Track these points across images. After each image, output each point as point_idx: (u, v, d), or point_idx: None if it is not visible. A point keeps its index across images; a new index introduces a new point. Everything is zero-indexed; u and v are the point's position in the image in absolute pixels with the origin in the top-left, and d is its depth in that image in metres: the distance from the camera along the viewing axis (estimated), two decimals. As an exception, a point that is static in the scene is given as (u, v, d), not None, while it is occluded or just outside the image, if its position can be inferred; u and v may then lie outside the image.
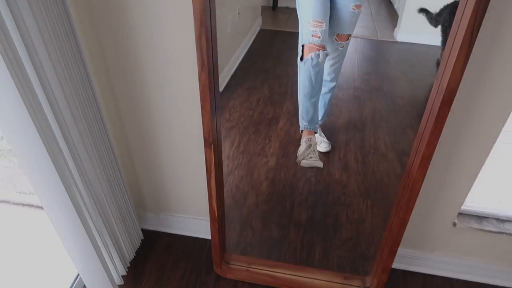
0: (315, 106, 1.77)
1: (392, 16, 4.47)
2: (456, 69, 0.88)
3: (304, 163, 1.75)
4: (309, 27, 1.54)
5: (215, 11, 1.08)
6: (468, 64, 0.89)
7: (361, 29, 3.96)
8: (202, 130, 1.10)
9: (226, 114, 2.13)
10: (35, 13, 0.80)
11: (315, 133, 1.84)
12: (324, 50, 1.57)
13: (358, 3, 1.53)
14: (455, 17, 0.89)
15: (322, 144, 1.89)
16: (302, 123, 1.85)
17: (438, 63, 2.89)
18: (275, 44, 3.23)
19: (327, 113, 1.95)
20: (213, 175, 1.14)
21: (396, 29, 3.61)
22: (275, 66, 2.82)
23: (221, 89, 2.42)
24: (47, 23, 0.84)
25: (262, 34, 3.45)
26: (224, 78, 2.43)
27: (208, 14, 0.97)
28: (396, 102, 2.45)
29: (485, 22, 0.85)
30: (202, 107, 1.04)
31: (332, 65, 1.72)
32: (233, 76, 2.58)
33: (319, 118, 1.94)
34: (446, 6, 2.57)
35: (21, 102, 0.80)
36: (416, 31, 3.45)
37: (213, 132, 1.07)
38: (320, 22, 1.53)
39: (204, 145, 1.08)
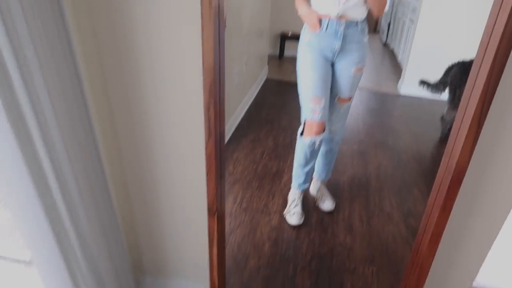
0: (307, 174, 1.79)
1: (396, 69, 4.56)
2: (465, 150, 0.87)
3: (288, 219, 1.78)
4: (309, 104, 1.55)
5: (225, 79, 1.10)
6: (478, 143, 0.89)
7: (365, 80, 4.05)
8: (206, 196, 1.09)
9: (230, 167, 2.13)
10: (40, 61, 0.80)
11: (303, 190, 1.86)
12: (323, 131, 1.60)
13: (360, 65, 1.55)
14: (463, 96, 0.90)
15: (327, 202, 1.86)
16: (293, 182, 1.86)
17: (442, 119, 2.89)
18: (281, 95, 3.29)
19: (331, 170, 1.93)
20: (215, 244, 1.11)
21: (399, 82, 3.70)
22: (280, 117, 2.85)
23: (225, 141, 2.43)
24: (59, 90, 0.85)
25: (268, 84, 3.52)
26: (229, 129, 2.46)
27: (217, 85, 0.99)
28: (400, 157, 2.45)
29: (494, 103, 0.86)
30: (207, 175, 1.04)
31: (334, 124, 1.72)
32: (238, 127, 2.61)
33: (322, 177, 1.93)
34: (453, 66, 2.62)
35: (18, 151, 0.78)
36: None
37: (217, 200, 1.06)
38: (319, 98, 1.53)
39: (208, 214, 1.06)
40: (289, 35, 4.08)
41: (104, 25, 0.99)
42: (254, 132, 2.56)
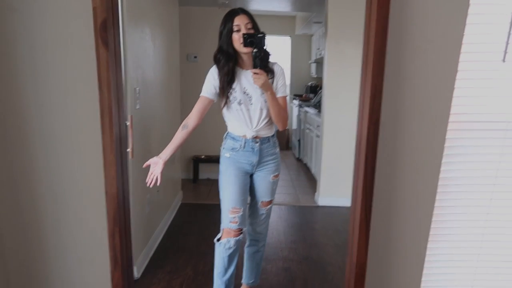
0: (225, 285, 1.87)
1: (311, 182, 4.97)
2: (360, 246, 1.03)
3: None
4: (229, 214, 1.78)
5: (136, 207, 1.17)
6: (371, 240, 1.05)
7: (283, 195, 4.32)
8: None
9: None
10: None
11: None
12: (239, 235, 1.80)
13: (277, 173, 1.87)
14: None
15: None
16: None
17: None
18: (198, 219, 3.36)
19: (259, 274, 2.06)
20: None
21: (316, 194, 4.01)
22: (198, 243, 2.86)
23: (138, 275, 2.35)
24: None
25: (184, 209, 3.60)
26: (142, 261, 2.40)
27: (122, 212, 1.06)
28: (326, 269, 2.56)
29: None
30: (114, 310, 1.04)
31: (259, 226, 1.92)
32: (153, 258, 2.56)
33: (252, 280, 2.04)
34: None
35: None
36: (335, 195, 3.87)
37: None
38: (238, 209, 1.78)
39: None
40: (203, 157, 4.34)
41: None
42: (171, 262, 2.54)
